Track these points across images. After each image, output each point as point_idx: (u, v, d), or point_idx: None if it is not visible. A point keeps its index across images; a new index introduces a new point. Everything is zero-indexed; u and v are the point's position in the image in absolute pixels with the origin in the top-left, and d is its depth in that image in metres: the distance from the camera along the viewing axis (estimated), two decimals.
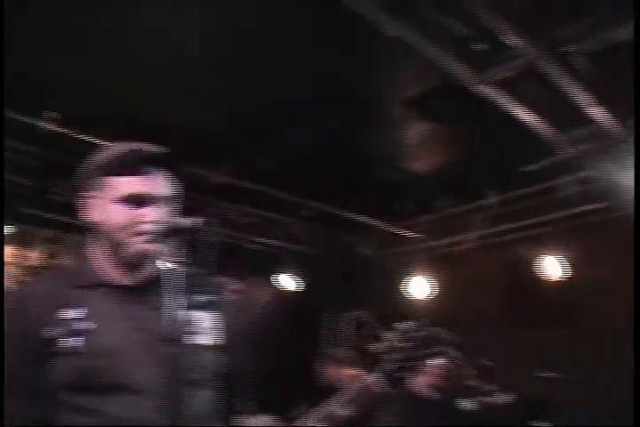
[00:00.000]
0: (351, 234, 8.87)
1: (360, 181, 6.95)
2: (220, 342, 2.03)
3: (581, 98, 4.67)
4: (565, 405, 5.90)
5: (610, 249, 6.87)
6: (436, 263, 8.06)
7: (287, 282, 8.32)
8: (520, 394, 6.22)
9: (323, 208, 7.51)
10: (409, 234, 8.18)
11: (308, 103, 5.41)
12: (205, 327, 1.99)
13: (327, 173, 6.60)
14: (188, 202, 6.24)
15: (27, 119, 5.30)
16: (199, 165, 6.23)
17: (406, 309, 8.05)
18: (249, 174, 6.57)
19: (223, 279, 2.17)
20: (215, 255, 1.79)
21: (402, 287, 8.06)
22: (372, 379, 2.00)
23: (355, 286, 8.72)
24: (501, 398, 3.80)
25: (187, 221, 1.83)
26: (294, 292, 8.28)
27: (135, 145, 2.06)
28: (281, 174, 6.55)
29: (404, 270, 8.06)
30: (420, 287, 7.98)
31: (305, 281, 8.25)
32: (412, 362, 2.10)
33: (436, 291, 7.96)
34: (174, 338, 1.76)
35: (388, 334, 2.14)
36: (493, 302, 8.61)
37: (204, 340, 1.98)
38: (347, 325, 8.49)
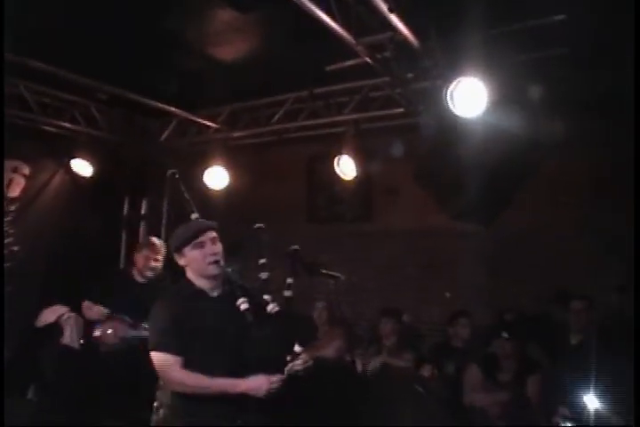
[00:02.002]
0: (150, 120, 8.60)
1: (161, 67, 6.67)
2: None
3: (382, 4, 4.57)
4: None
5: (404, 151, 7.08)
6: (235, 155, 7.96)
7: (81, 167, 7.95)
8: None
9: (121, 93, 7.14)
10: (208, 123, 8.00)
11: None
12: None
13: (127, 56, 6.25)
14: None
15: None
16: None
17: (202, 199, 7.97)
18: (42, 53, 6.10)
19: None
20: None
21: (200, 177, 7.91)
22: None
23: (152, 172, 8.55)
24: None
25: None
26: (86, 177, 7.95)
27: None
28: (79, 54, 6.12)
29: (203, 160, 7.90)
30: (217, 178, 7.86)
31: (99, 167, 7.91)
32: None
33: (233, 183, 7.87)
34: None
35: None
36: (289, 197, 8.75)
37: None
38: None
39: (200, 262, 3.68)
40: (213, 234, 3.76)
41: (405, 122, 6.51)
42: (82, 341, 6.99)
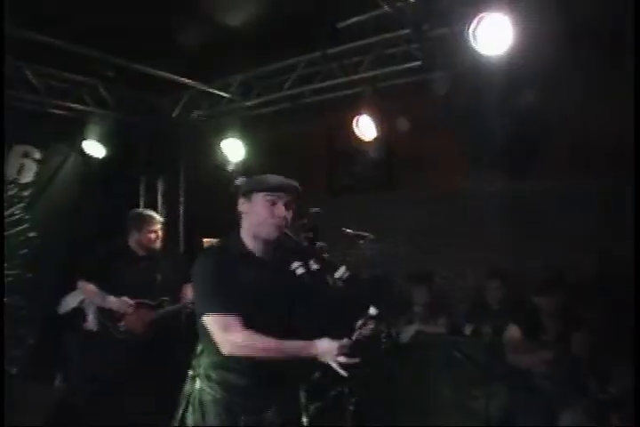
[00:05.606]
0: (160, 97, 8.38)
1: (167, 38, 6.42)
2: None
3: None
4: None
5: (422, 110, 6.79)
6: (252, 127, 7.71)
7: (94, 148, 7.77)
8: None
9: (129, 64, 6.79)
10: (222, 93, 7.73)
11: None
12: None
13: (131, 26, 5.99)
14: None
15: None
16: None
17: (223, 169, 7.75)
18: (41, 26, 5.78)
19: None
20: None
21: (217, 150, 7.69)
22: None
23: (167, 149, 8.36)
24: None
25: None
26: (99, 158, 7.76)
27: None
28: (79, 28, 5.86)
29: (218, 132, 7.67)
30: (234, 150, 7.63)
31: (112, 147, 7.72)
32: None
33: (251, 153, 7.63)
34: None
35: None
36: (309, 170, 8.49)
37: None
38: None
39: (261, 217, 3.34)
40: (291, 198, 3.38)
41: (424, 78, 6.19)
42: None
